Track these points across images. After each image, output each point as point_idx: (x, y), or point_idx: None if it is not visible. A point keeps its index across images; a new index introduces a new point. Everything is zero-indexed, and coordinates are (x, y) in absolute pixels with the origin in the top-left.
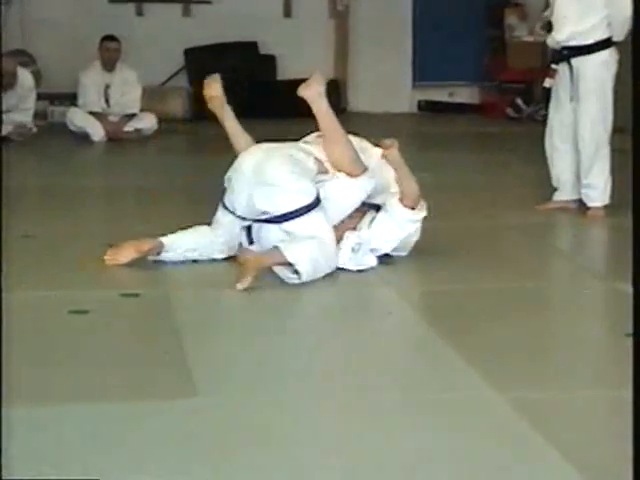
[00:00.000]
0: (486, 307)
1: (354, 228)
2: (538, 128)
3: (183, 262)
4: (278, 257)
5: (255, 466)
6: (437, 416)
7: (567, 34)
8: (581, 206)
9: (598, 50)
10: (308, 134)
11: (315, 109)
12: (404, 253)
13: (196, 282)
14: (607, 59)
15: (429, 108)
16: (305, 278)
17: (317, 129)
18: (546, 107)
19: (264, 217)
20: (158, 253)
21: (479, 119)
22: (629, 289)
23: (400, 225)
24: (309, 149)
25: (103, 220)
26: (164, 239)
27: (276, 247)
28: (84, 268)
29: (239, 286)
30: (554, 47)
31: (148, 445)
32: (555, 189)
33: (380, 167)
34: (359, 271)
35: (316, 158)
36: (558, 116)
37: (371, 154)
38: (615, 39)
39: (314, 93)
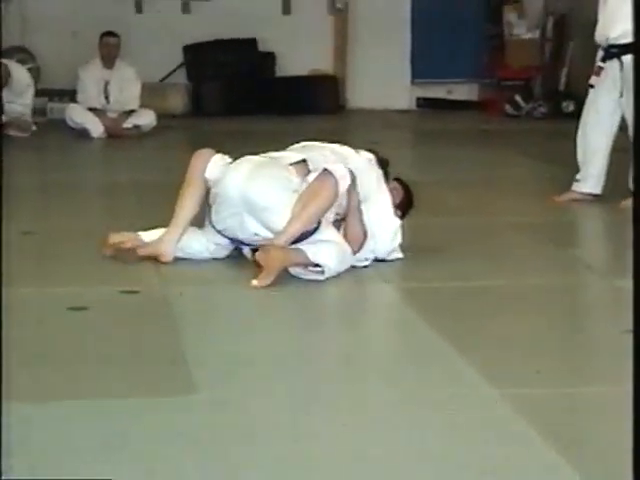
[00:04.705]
0: (485, 304)
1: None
2: (537, 125)
3: (182, 259)
4: (302, 258)
5: (254, 463)
6: (435, 412)
7: (620, 31)
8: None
9: None
10: (304, 136)
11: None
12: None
13: (195, 279)
14: None
15: (428, 105)
16: (327, 276)
17: (313, 139)
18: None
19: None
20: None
21: (478, 116)
22: (628, 285)
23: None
24: (283, 160)
25: (102, 216)
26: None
27: (299, 249)
28: (83, 265)
29: (256, 283)
30: (602, 44)
31: (147, 442)
32: (576, 180)
33: (362, 173)
34: (358, 267)
35: (292, 164)
36: (594, 111)
37: (353, 159)
38: None
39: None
